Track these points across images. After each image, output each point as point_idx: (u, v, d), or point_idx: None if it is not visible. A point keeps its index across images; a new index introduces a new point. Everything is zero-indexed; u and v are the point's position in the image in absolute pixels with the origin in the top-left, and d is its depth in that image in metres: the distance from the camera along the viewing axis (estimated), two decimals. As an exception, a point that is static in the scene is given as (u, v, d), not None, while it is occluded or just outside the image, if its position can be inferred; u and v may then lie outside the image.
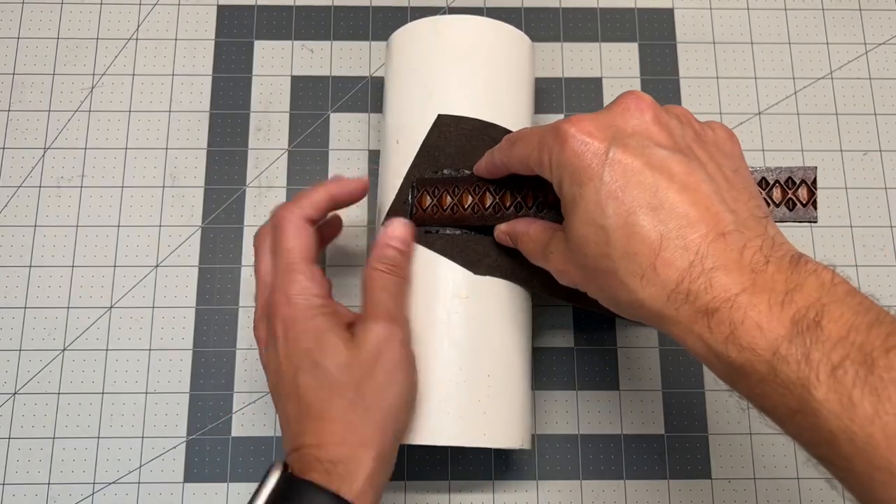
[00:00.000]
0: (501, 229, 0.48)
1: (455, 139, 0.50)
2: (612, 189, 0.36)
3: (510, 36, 0.54)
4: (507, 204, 0.48)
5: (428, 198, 0.50)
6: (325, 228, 0.53)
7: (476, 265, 0.49)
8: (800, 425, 0.31)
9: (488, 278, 0.49)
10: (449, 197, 0.49)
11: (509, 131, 0.51)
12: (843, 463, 0.30)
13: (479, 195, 0.48)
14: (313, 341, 0.43)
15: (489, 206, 0.48)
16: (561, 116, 0.63)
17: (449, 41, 0.52)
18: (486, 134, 0.51)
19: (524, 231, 0.46)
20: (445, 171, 0.50)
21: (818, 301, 0.32)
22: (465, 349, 0.48)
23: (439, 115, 0.51)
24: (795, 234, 0.60)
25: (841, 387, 0.29)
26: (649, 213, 0.35)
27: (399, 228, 0.48)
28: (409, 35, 0.54)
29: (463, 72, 0.52)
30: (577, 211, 0.37)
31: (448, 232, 0.49)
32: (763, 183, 0.46)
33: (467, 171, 0.50)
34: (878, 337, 0.30)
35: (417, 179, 0.50)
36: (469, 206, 0.49)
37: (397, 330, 0.45)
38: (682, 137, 0.38)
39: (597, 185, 0.36)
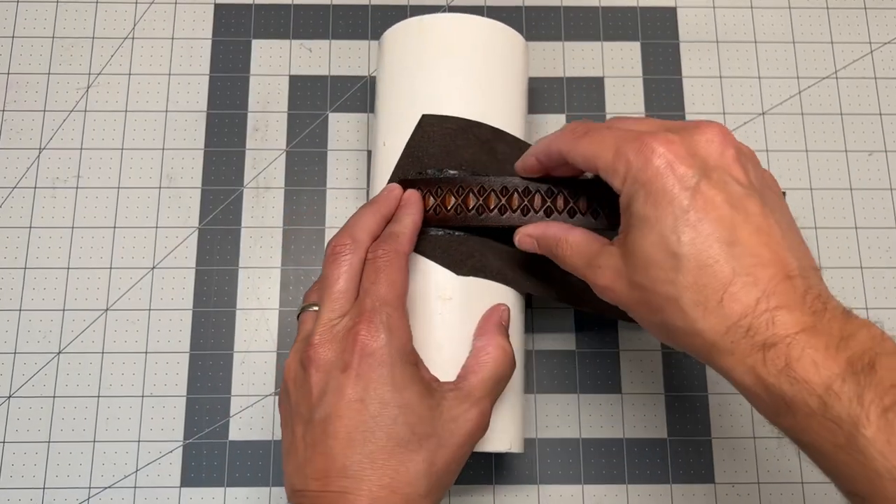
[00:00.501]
0: (527, 232, 0.47)
1: (439, 139, 0.51)
2: (692, 219, 0.37)
3: (502, 34, 0.54)
4: (515, 206, 0.48)
5: None
6: None
7: (459, 266, 0.49)
8: (843, 461, 0.33)
9: (475, 280, 0.49)
10: (432, 198, 0.49)
11: (497, 130, 0.51)
12: (881, 502, 0.32)
13: (462, 196, 0.49)
14: (396, 394, 0.41)
15: (472, 207, 0.48)
16: (562, 117, 0.63)
17: (437, 40, 0.53)
18: (471, 133, 0.51)
19: (562, 237, 0.45)
20: (429, 172, 0.50)
21: (871, 349, 0.33)
22: (451, 352, 0.47)
23: (423, 116, 0.51)
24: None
25: (891, 428, 0.31)
26: (725, 247, 0.36)
27: (509, 315, 0.48)
28: (398, 34, 0.54)
29: (451, 71, 0.52)
30: (647, 232, 0.38)
31: (431, 232, 0.50)
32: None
33: (451, 172, 0.50)
34: None
35: (400, 181, 0.51)
36: (452, 207, 0.49)
37: (488, 422, 0.43)
38: (756, 179, 0.39)
39: (676, 212, 0.37)
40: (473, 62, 0.52)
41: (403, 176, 0.51)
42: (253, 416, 0.57)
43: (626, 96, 0.64)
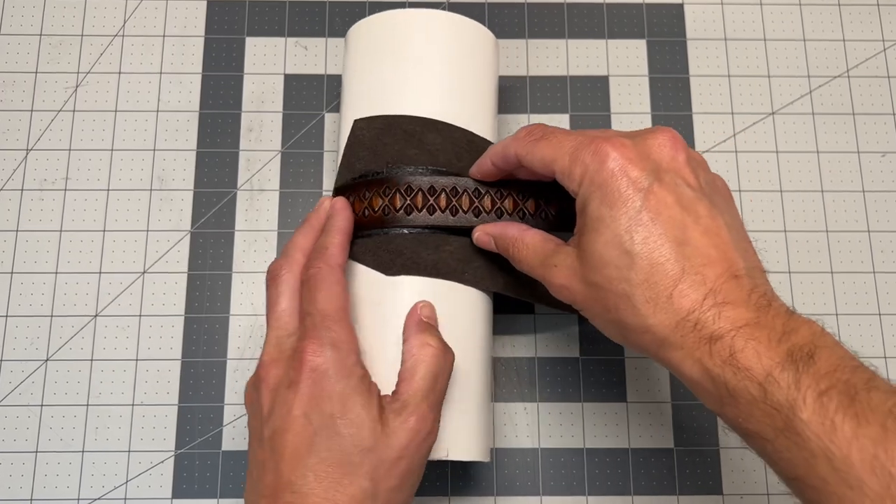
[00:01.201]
0: (485, 230, 0.49)
1: (368, 141, 0.52)
2: (644, 219, 0.40)
3: (468, 30, 0.54)
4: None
5: None
6: None
7: (388, 266, 0.49)
8: (782, 445, 0.36)
9: (415, 281, 0.49)
10: (359, 202, 0.50)
11: (425, 119, 0.51)
12: (817, 482, 0.35)
13: (388, 197, 0.49)
14: (339, 407, 0.43)
15: (400, 208, 0.49)
16: (565, 117, 0.63)
17: (400, 36, 0.53)
18: (398, 128, 0.51)
19: (518, 237, 0.47)
20: (360, 176, 0.51)
21: (811, 342, 0.37)
22: (392, 358, 0.47)
23: (354, 121, 0.52)
24: (811, 239, 0.61)
25: (825, 410, 0.34)
26: (675, 247, 0.40)
27: (431, 309, 0.49)
28: (362, 30, 0.55)
29: (414, 68, 0.52)
30: (602, 232, 0.41)
31: (361, 236, 0.50)
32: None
33: (378, 173, 0.51)
34: (861, 378, 0.35)
35: (334, 190, 0.52)
36: (379, 209, 0.50)
37: (431, 427, 0.44)
38: (706, 184, 0.43)
39: (630, 212, 0.40)
40: (437, 59, 0.53)
41: (340, 184, 0.52)
42: (246, 426, 0.57)
43: (631, 95, 0.64)
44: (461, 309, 0.50)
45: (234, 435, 0.57)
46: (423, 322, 0.47)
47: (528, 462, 0.57)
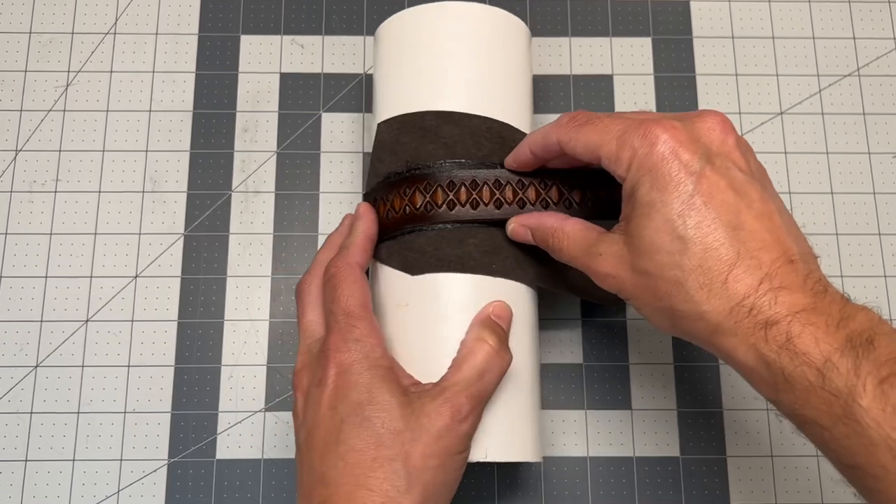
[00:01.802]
0: (520, 221, 0.49)
1: (388, 143, 0.52)
2: (697, 203, 0.40)
3: (503, 22, 0.54)
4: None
5: None
6: None
7: (412, 267, 0.50)
8: (840, 433, 0.36)
9: (439, 278, 0.50)
10: (381, 204, 0.51)
11: (443, 113, 0.51)
12: (877, 471, 0.35)
13: (409, 196, 0.50)
14: (366, 395, 0.44)
15: (420, 206, 0.49)
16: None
17: (433, 31, 0.53)
18: (414, 125, 0.52)
19: (558, 227, 0.47)
20: (382, 180, 0.52)
21: (870, 329, 0.37)
22: (424, 356, 0.48)
23: (378, 124, 0.53)
24: (820, 243, 0.61)
25: (885, 398, 0.35)
26: (730, 231, 0.40)
27: (505, 310, 0.49)
28: (393, 28, 0.55)
29: (450, 64, 0.52)
30: (653, 216, 0.41)
31: (387, 239, 0.51)
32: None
33: (399, 174, 0.51)
34: None
35: (363, 196, 0.53)
36: (401, 209, 0.50)
37: (466, 416, 0.44)
38: (756, 168, 0.43)
39: (682, 196, 0.40)
40: (473, 53, 0.53)
41: (368, 189, 0.53)
42: (242, 434, 0.58)
43: (636, 95, 0.65)
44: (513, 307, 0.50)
45: (229, 443, 0.57)
46: (488, 319, 0.48)
47: (532, 471, 0.57)
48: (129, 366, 0.59)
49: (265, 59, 0.65)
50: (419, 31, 0.53)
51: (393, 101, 0.53)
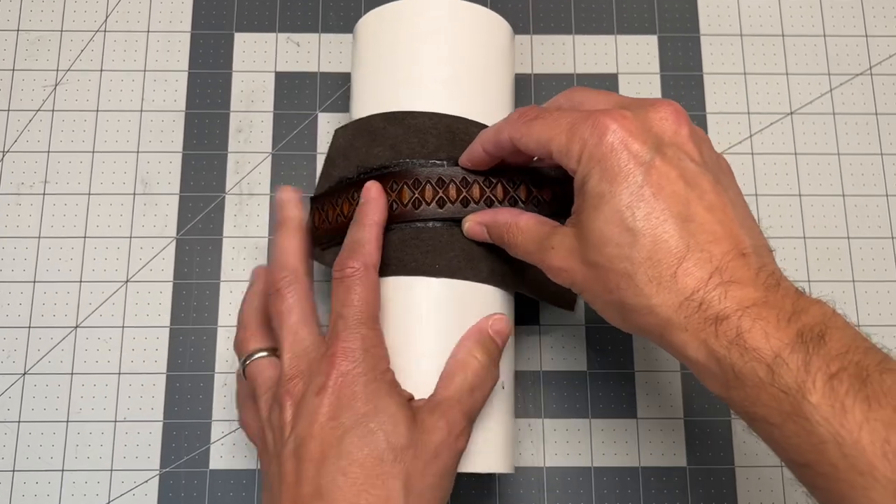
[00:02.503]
0: (475, 219, 0.49)
1: (343, 148, 0.53)
2: (646, 194, 0.40)
3: (483, 20, 0.54)
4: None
5: (317, 214, 0.53)
6: None
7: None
8: (790, 430, 0.36)
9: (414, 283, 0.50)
10: (331, 209, 0.52)
11: (390, 114, 0.52)
12: (827, 469, 0.35)
13: (357, 200, 0.50)
14: (372, 406, 0.43)
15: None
16: (572, 116, 0.64)
17: (411, 28, 0.53)
18: (364, 129, 0.53)
19: (512, 222, 0.48)
20: (335, 184, 0.53)
21: (822, 323, 0.37)
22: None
23: (335, 130, 0.54)
24: (831, 246, 0.62)
25: (835, 394, 0.35)
26: (679, 223, 0.40)
27: (504, 325, 0.49)
28: (370, 23, 0.55)
29: (426, 62, 0.53)
30: (602, 208, 0.41)
31: (336, 243, 0.51)
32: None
33: (348, 178, 0.52)
34: (873, 360, 0.36)
35: (311, 199, 0.54)
36: (349, 213, 0.50)
37: (462, 430, 0.45)
38: (709, 159, 0.44)
39: (631, 187, 0.41)
40: (451, 51, 0.53)
41: (317, 193, 0.54)
42: (236, 443, 0.58)
43: (641, 94, 0.65)
44: (471, 313, 0.50)
45: (223, 453, 0.58)
46: (483, 334, 0.48)
47: (533, 481, 0.58)
48: (119, 373, 0.59)
49: (260, 58, 0.65)
50: (396, 27, 0.54)
51: (364, 101, 0.54)
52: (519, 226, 0.47)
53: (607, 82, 0.65)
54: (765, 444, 0.57)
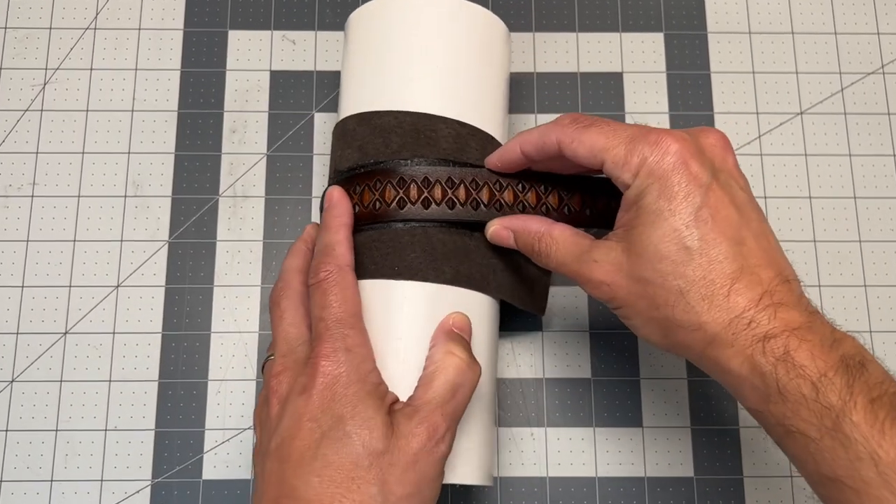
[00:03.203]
0: (503, 223, 0.51)
1: (338, 146, 0.54)
2: (704, 215, 0.44)
3: (476, 18, 0.55)
4: (389, 199, 0.50)
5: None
6: None
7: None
8: (826, 445, 0.39)
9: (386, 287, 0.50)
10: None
11: (359, 115, 0.52)
12: (858, 485, 0.39)
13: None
14: (350, 409, 0.44)
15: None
16: (576, 116, 0.64)
17: (401, 24, 0.54)
18: (338, 131, 0.54)
19: (545, 232, 0.49)
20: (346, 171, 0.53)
21: (860, 353, 0.41)
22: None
23: (335, 125, 0.55)
24: (842, 250, 0.62)
25: (875, 416, 0.38)
26: (733, 246, 0.43)
27: (464, 321, 0.50)
28: (362, 18, 0.55)
29: (416, 59, 0.53)
30: (659, 225, 0.44)
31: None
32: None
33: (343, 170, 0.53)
34: None
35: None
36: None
37: (443, 436, 0.45)
38: (750, 190, 0.47)
39: (690, 207, 0.44)
40: (441, 49, 0.53)
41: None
42: (230, 452, 0.58)
43: (647, 94, 0.66)
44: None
45: (216, 462, 0.58)
46: (452, 332, 0.49)
47: (536, 492, 0.58)
48: (110, 380, 0.60)
49: (254, 56, 0.66)
50: (383, 23, 0.54)
51: (346, 100, 0.54)
52: (553, 235, 0.49)
53: (612, 81, 0.66)
54: (773, 454, 0.57)
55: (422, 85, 0.53)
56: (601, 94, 0.65)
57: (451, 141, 0.52)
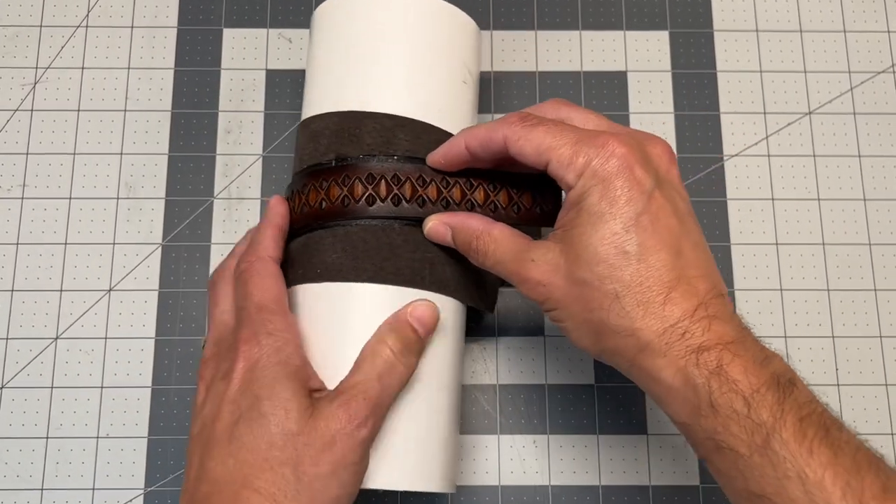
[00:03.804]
0: (441, 219, 0.51)
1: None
2: (645, 221, 0.44)
3: (443, 16, 0.55)
4: (335, 198, 0.51)
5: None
6: None
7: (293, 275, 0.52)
8: (755, 462, 0.40)
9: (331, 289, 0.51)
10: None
11: (316, 117, 0.53)
12: (785, 502, 0.40)
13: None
14: (267, 391, 0.46)
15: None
16: (579, 116, 0.65)
17: (364, 21, 0.54)
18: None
19: (484, 230, 0.50)
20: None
21: (789, 372, 0.43)
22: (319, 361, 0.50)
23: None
24: (852, 253, 0.63)
25: (804, 435, 0.40)
26: (672, 255, 0.44)
27: (425, 311, 0.50)
28: (326, 13, 0.55)
29: (378, 57, 0.53)
30: (599, 227, 0.45)
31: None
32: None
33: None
34: (829, 416, 0.41)
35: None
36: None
37: (363, 420, 0.46)
38: (690, 204, 0.49)
39: (631, 212, 0.44)
40: (404, 47, 0.53)
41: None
42: (224, 461, 0.59)
43: (652, 93, 0.66)
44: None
45: (211, 471, 0.58)
46: (401, 321, 0.49)
47: (538, 501, 0.58)
48: (102, 387, 0.60)
49: (250, 54, 0.66)
50: (350, 21, 0.54)
51: (314, 99, 0.54)
52: (493, 234, 0.50)
53: (615, 80, 0.66)
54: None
55: (375, 85, 0.53)
56: (604, 93, 0.66)
57: (377, 135, 0.52)
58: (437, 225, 0.51)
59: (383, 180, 0.51)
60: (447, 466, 0.52)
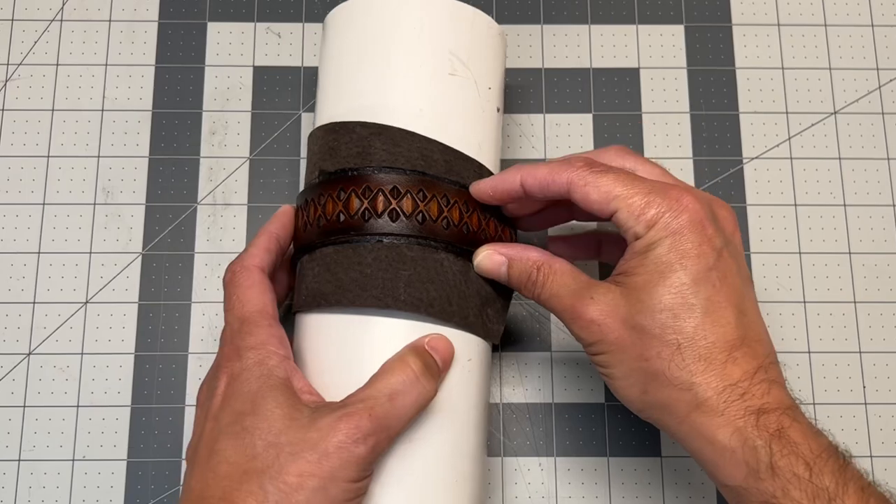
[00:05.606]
0: (498, 249, 0.53)
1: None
2: (713, 277, 0.47)
3: (467, 18, 0.55)
4: (330, 212, 0.52)
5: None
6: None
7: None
8: None
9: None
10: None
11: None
12: None
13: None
14: (249, 405, 0.47)
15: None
16: (588, 116, 0.65)
17: (382, 23, 0.54)
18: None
19: (545, 262, 0.52)
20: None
21: (842, 447, 0.46)
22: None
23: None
24: (880, 262, 0.63)
25: (866, 503, 0.43)
26: (737, 314, 0.47)
27: (440, 342, 0.51)
28: (341, 17, 0.56)
29: (397, 61, 0.53)
30: (668, 276, 0.47)
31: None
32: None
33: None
34: (889, 492, 0.45)
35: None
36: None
37: (364, 437, 0.46)
38: (746, 267, 0.51)
39: (700, 267, 0.47)
40: (426, 51, 0.53)
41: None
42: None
43: (666, 91, 0.67)
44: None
45: (194, 496, 0.59)
46: (421, 348, 0.50)
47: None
48: (78, 406, 0.60)
49: (236, 50, 0.67)
50: (366, 24, 0.54)
51: (326, 104, 0.55)
52: (553, 267, 0.52)
53: (627, 78, 0.67)
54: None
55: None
56: (615, 91, 0.66)
57: (353, 146, 0.52)
58: (492, 254, 0.53)
59: (408, 195, 0.51)
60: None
